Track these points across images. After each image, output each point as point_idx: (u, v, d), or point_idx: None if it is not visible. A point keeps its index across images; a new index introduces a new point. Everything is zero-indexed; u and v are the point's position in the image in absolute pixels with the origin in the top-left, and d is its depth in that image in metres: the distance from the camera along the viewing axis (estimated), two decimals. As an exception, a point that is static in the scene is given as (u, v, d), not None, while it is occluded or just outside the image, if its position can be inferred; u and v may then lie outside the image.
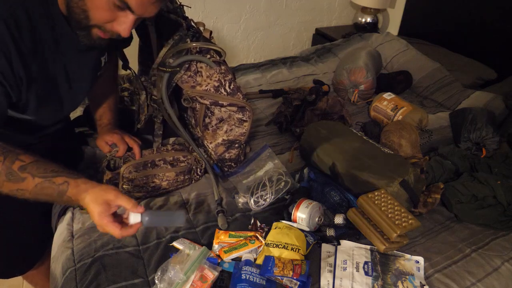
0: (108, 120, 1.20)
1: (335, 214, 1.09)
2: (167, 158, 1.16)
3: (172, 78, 1.13)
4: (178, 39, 1.10)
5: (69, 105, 1.01)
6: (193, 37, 1.12)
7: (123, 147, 1.14)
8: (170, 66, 1.09)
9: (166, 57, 1.10)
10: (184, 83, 1.14)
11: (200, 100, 1.15)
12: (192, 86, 1.14)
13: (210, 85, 1.14)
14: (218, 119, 1.20)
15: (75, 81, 0.96)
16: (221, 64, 1.14)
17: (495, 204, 1.12)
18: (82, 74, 0.98)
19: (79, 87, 0.99)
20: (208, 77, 1.13)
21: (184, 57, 1.10)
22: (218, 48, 1.12)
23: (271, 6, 2.71)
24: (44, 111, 0.92)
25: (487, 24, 2.13)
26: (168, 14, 1.12)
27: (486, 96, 1.79)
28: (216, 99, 1.14)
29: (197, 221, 1.11)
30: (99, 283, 0.91)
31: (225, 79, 1.14)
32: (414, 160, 1.23)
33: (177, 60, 1.09)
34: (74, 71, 0.94)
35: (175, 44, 1.10)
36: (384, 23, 2.90)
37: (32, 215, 1.19)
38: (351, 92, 1.82)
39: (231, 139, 1.23)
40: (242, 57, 2.83)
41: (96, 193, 0.78)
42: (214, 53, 1.14)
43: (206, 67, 1.13)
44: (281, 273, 0.88)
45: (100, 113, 1.20)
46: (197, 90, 1.14)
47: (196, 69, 1.14)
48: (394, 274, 0.95)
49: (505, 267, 1.02)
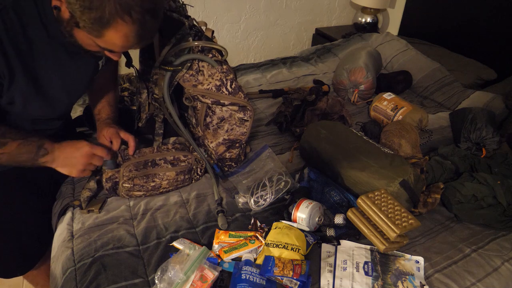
0: (107, 114, 1.18)
1: (335, 214, 1.09)
2: (168, 158, 1.16)
3: (174, 77, 1.13)
4: (180, 38, 1.10)
5: (62, 104, 1.03)
6: (195, 36, 1.12)
7: (117, 141, 1.12)
8: (172, 65, 1.09)
9: (168, 56, 1.10)
10: (186, 81, 1.15)
11: (201, 99, 1.15)
12: (194, 85, 1.15)
13: (211, 84, 1.14)
14: (219, 118, 1.20)
15: (69, 81, 0.97)
16: (223, 63, 1.15)
17: (495, 204, 1.12)
18: (76, 76, 0.99)
19: (73, 88, 1.01)
20: (210, 76, 1.13)
21: (186, 55, 1.10)
22: (220, 47, 1.12)
23: (271, 6, 2.71)
24: (31, 107, 0.94)
25: (487, 24, 2.13)
26: (170, 13, 1.12)
27: (486, 96, 1.79)
28: (217, 98, 1.14)
29: (197, 221, 1.11)
30: (99, 283, 0.91)
31: (227, 78, 1.14)
32: (414, 160, 1.23)
33: (179, 59, 1.09)
34: (68, 72, 0.96)
35: (177, 42, 1.10)
36: (384, 23, 2.90)
37: (33, 214, 1.19)
38: (351, 92, 1.82)
39: (232, 138, 1.23)
40: (242, 57, 2.84)
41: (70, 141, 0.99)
42: (216, 52, 1.14)
43: (208, 66, 1.13)
44: (281, 273, 0.88)
45: (99, 108, 1.19)
46: (199, 89, 1.14)
47: (198, 68, 1.14)
48: (394, 274, 0.95)
49: (505, 267, 1.02)
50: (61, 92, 0.98)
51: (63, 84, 0.96)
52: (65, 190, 1.21)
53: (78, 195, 1.16)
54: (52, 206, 1.20)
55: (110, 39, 0.77)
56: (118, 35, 0.76)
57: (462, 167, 1.29)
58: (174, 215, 1.12)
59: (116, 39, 0.77)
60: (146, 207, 1.15)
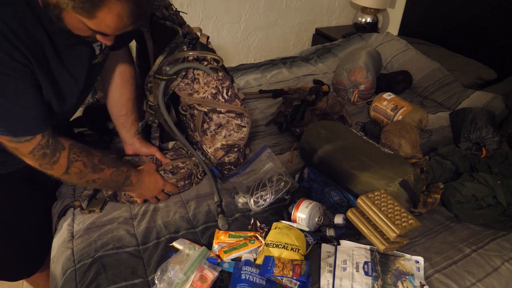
0: (132, 123, 1.19)
1: (335, 214, 1.09)
2: (167, 168, 1.17)
3: (169, 86, 1.12)
4: (174, 47, 1.10)
5: (74, 97, 0.97)
6: (189, 44, 1.11)
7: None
8: (166, 74, 1.08)
9: (162, 65, 1.09)
10: (181, 90, 1.14)
11: (198, 107, 1.15)
12: (190, 93, 1.14)
13: (207, 92, 1.13)
14: (216, 124, 1.20)
15: (74, 71, 0.92)
16: (219, 71, 1.14)
17: (495, 204, 1.12)
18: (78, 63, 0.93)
19: (79, 76, 0.95)
20: (205, 84, 1.13)
21: (181, 64, 1.09)
22: (215, 56, 1.12)
23: (271, 6, 2.71)
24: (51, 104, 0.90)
25: (487, 24, 2.13)
26: (164, 21, 1.11)
27: (486, 96, 1.78)
28: (214, 106, 1.14)
29: (197, 221, 1.11)
30: (99, 283, 0.91)
31: (223, 86, 1.14)
32: (414, 160, 1.23)
33: (173, 68, 1.08)
34: (71, 65, 0.90)
35: (171, 52, 1.09)
36: (384, 23, 2.90)
37: (39, 216, 1.19)
38: (351, 92, 1.82)
39: (230, 143, 1.22)
40: (242, 57, 2.83)
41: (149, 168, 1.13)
42: (212, 59, 1.14)
43: (204, 74, 1.13)
44: (281, 273, 0.88)
45: (122, 113, 1.17)
46: (195, 98, 1.14)
47: (193, 77, 1.13)
48: (394, 274, 0.95)
49: (505, 267, 1.02)
50: (71, 85, 0.93)
51: (70, 73, 0.91)
52: (65, 191, 1.21)
53: (78, 196, 1.16)
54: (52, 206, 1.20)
55: (102, 20, 0.70)
56: (111, 15, 0.69)
57: (462, 167, 1.29)
58: (174, 215, 1.12)
59: (109, 20, 0.70)
60: (146, 207, 1.15)
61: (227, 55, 2.73)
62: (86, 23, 0.72)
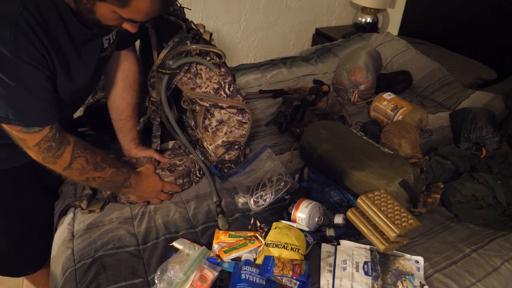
0: (136, 135, 1.21)
1: (334, 214, 1.09)
2: (164, 166, 1.17)
3: (172, 80, 1.13)
4: (178, 41, 1.10)
5: (84, 93, 1.03)
6: (193, 39, 1.12)
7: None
8: (169, 68, 1.09)
9: (165, 59, 1.10)
10: (184, 85, 1.14)
11: (199, 102, 1.15)
12: (192, 88, 1.15)
13: (209, 87, 1.14)
14: (218, 121, 1.20)
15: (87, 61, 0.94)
16: (221, 66, 1.14)
17: (495, 204, 1.12)
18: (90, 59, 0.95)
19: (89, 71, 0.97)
20: (208, 79, 1.13)
21: (184, 59, 1.10)
22: (218, 51, 1.12)
23: (271, 6, 2.71)
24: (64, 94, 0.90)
25: (487, 24, 2.13)
26: (168, 16, 1.12)
27: (486, 96, 1.79)
28: (215, 101, 1.14)
29: (197, 221, 1.11)
30: (99, 283, 0.91)
31: (225, 81, 1.14)
32: (414, 160, 1.23)
33: (176, 62, 1.09)
34: (84, 57, 0.92)
35: (174, 46, 1.10)
36: (384, 23, 2.90)
37: (43, 212, 1.20)
38: (351, 92, 1.82)
39: (231, 140, 1.22)
40: (242, 57, 2.84)
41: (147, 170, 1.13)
42: (214, 55, 1.14)
43: (206, 69, 1.13)
44: (281, 273, 0.88)
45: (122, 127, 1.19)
46: (197, 92, 1.14)
47: (196, 71, 1.14)
48: (394, 274, 0.95)
49: (505, 267, 1.02)
50: (83, 75, 0.94)
51: (85, 64, 0.93)
52: (66, 191, 1.21)
53: (79, 196, 1.16)
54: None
55: (136, 7, 0.75)
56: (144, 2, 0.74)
57: (462, 167, 1.29)
58: (173, 215, 1.12)
59: (142, 5, 0.75)
60: (146, 207, 1.15)
61: (227, 55, 2.70)
62: (119, 12, 0.76)
